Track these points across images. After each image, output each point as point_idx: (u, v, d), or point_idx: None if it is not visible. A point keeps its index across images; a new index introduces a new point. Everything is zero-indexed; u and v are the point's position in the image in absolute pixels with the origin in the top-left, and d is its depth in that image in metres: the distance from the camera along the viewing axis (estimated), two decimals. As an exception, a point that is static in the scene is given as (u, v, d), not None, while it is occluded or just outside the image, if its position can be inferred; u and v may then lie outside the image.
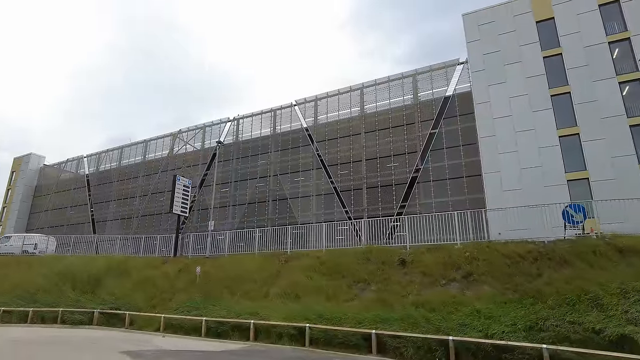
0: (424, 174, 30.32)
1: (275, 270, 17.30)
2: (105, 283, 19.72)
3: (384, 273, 15.03)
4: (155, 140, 44.19)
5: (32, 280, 20.51)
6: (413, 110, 32.19)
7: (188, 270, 19.45)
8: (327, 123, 35.53)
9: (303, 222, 32.25)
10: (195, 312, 15.99)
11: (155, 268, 20.31)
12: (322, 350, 12.45)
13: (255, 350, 12.71)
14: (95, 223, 44.65)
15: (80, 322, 17.83)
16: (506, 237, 17.89)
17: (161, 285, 18.62)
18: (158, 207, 41.50)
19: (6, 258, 24.05)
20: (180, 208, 22.98)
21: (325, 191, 34.03)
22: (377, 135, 33.07)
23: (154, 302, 17.92)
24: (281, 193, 36.02)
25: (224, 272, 17.95)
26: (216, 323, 14.94)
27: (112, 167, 46.36)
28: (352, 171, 33.12)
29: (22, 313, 18.81)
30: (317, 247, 21.47)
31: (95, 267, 20.63)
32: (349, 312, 13.34)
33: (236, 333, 14.39)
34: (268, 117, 38.84)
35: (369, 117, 33.86)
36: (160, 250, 25.18)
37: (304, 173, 35.56)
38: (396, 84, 33.88)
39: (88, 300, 18.85)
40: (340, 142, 34.31)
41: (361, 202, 32.31)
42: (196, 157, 41.26)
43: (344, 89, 35.83)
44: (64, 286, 19.89)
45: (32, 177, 51.08)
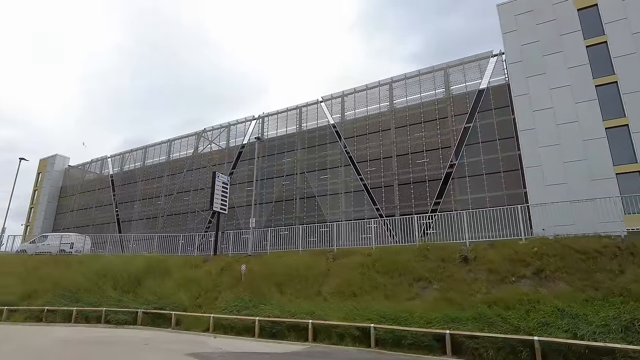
0: (459, 170, 29.39)
1: (324, 268, 16.61)
2: (146, 282, 19.22)
3: (445, 270, 14.24)
4: (179, 140, 43.89)
5: (72, 279, 20.12)
6: (445, 104, 31.27)
7: (231, 268, 18.87)
8: (355, 119, 34.77)
9: (332, 220, 31.50)
10: (246, 311, 15.37)
11: (196, 267, 19.78)
12: (390, 352, 11.72)
13: (318, 351, 12.02)
14: (120, 223, 44.52)
15: (124, 322, 17.34)
16: (550, 233, 17.01)
17: (205, 284, 18.06)
18: (184, 206, 41.19)
19: (45, 257, 23.78)
20: (220, 205, 22.43)
21: (354, 188, 33.27)
22: (408, 130, 32.20)
23: (199, 302, 17.36)
24: (308, 191, 35.38)
25: (270, 270, 17.31)
26: (270, 323, 14.29)
27: (136, 167, 46.19)
28: (383, 168, 32.32)
29: (66, 312, 18.41)
30: (356, 245, 20.77)
31: (134, 266, 20.17)
32: (414, 312, 12.58)
33: (292, 333, 13.73)
34: (293, 114, 38.21)
35: (399, 112, 33.01)
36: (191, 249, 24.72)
37: (332, 170, 34.85)
38: (427, 78, 32.97)
39: (130, 299, 18.37)
40: (370, 138, 33.51)
41: (392, 199, 31.50)
42: (221, 156, 40.82)
43: (372, 84, 35.03)
44: (105, 285, 19.45)
45: (57, 178, 51.24)
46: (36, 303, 19.49)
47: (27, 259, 23.52)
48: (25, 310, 19.12)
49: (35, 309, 18.94)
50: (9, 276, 21.34)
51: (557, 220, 18.79)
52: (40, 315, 18.67)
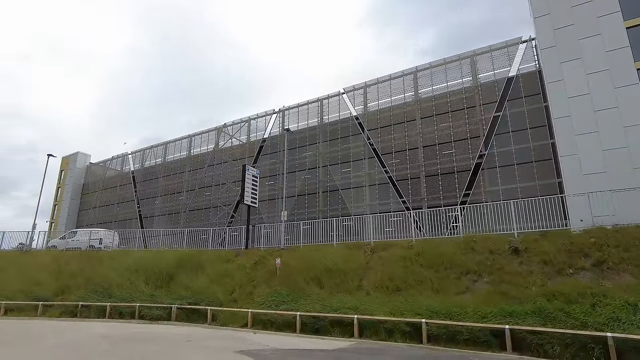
0: (488, 160, 28.46)
1: (363, 262, 16.02)
2: (178, 277, 18.91)
3: (495, 263, 13.52)
4: (199, 135, 43.66)
5: (104, 275, 19.92)
6: (473, 93, 30.28)
7: (264, 262, 18.43)
8: (378, 110, 33.99)
9: (356, 213, 30.94)
10: (284, 306, 14.88)
11: (229, 261, 19.38)
12: (445, 348, 11.09)
13: (368, 348, 11.46)
14: (142, 219, 44.60)
15: (158, 317, 17.03)
16: (588, 224, 16.11)
17: (239, 279, 17.64)
18: (206, 201, 41.02)
19: (75, 253, 23.69)
20: (250, 198, 22.00)
21: (379, 181, 32.57)
22: (435, 120, 31.31)
23: (234, 297, 16.95)
24: (332, 184, 34.79)
25: (306, 264, 16.78)
26: (312, 318, 13.77)
27: (157, 163, 46.17)
28: (409, 159, 31.53)
29: (100, 308, 18.20)
30: (389, 237, 20.13)
31: (165, 261, 19.87)
32: (467, 306, 11.92)
33: (336, 329, 13.18)
34: (314, 107, 37.59)
35: (424, 102, 32.12)
36: (218, 244, 24.35)
37: (355, 163, 34.19)
38: (453, 66, 31.99)
39: (163, 295, 18.05)
40: (394, 129, 32.72)
41: (419, 192, 30.73)
42: (242, 151, 40.47)
43: (396, 74, 34.17)
44: (137, 280, 19.19)
45: (79, 175, 51.62)
46: (70, 298, 19.34)
47: (58, 255, 23.46)
48: (59, 306, 18.99)
49: (69, 304, 18.78)
50: (42, 272, 21.26)
51: (598, 210, 17.91)
52: (74, 310, 18.50)
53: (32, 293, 19.92)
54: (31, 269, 21.85)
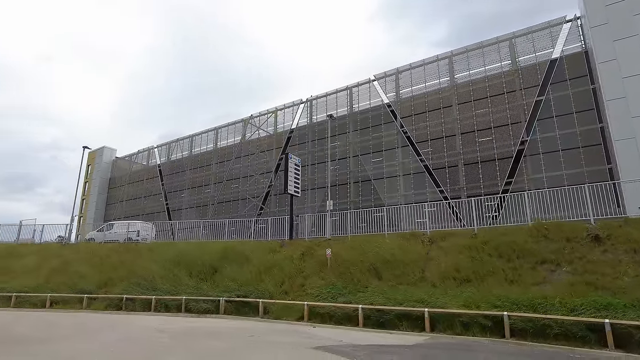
0: (531, 147, 27.08)
1: (422, 252, 15.10)
2: (223, 269, 18.28)
3: (574, 251, 12.44)
4: (226, 127, 43.07)
5: (146, 267, 19.44)
6: (513, 76, 28.82)
7: (312, 253, 17.65)
8: (412, 97, 32.74)
9: (390, 204, 29.90)
10: (342, 298, 14.07)
11: (274, 252, 18.67)
12: (533, 343, 10.13)
13: (448, 343, 10.54)
14: (170, 212, 44.40)
15: (206, 310, 16.42)
16: None
17: (288, 270, 16.89)
18: (234, 193, 40.53)
19: (114, 245, 23.34)
20: (293, 187, 21.22)
21: (414, 170, 31.45)
22: (473, 106, 29.97)
23: (284, 288, 16.21)
24: (364, 174, 33.79)
25: (358, 255, 15.94)
26: (376, 311, 12.93)
27: (183, 156, 45.85)
28: (446, 147, 30.33)
29: (145, 301, 17.70)
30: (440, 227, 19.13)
31: (207, 253, 19.27)
32: (551, 297, 10.91)
33: (404, 323, 12.31)
34: (343, 95, 36.53)
35: (461, 87, 30.77)
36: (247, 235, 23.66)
37: (388, 152, 33.08)
38: (490, 50, 30.50)
39: (209, 287, 17.45)
40: (429, 116, 31.49)
41: (458, 181, 29.54)
42: (270, 142, 39.74)
43: (430, 59, 32.86)
44: (180, 273, 18.65)
45: (106, 170, 51.73)
46: (113, 291, 18.92)
47: (97, 248, 23.13)
48: (103, 299, 18.59)
49: (114, 297, 18.35)
50: (84, 265, 20.93)
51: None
52: (119, 303, 18.05)
53: (75, 286, 19.58)
54: (73, 262, 21.56)
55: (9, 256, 23.62)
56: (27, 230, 28.71)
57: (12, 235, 28.67)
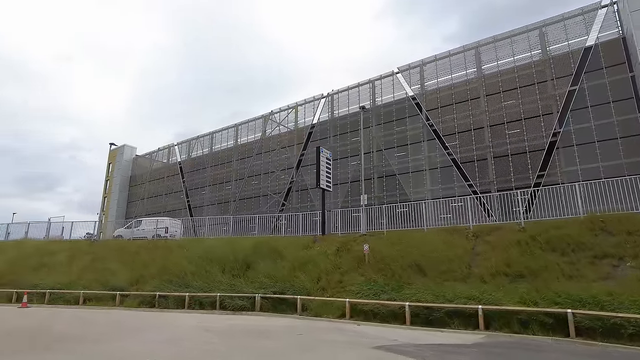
0: (564, 138, 26.03)
1: (467, 247, 14.43)
2: (256, 265, 17.87)
3: (637, 245, 11.66)
4: (246, 124, 42.75)
5: (177, 264, 19.16)
6: (544, 66, 27.77)
7: (348, 248, 17.13)
8: (437, 89, 31.87)
9: (416, 199, 29.12)
10: (386, 295, 13.50)
11: (307, 248, 18.19)
12: (604, 344, 9.42)
13: (508, 342, 9.89)
14: (191, 209, 44.36)
15: (242, 307, 16.01)
16: None
17: (323, 266, 16.38)
18: (255, 190, 40.24)
19: (142, 242, 23.17)
20: (325, 182, 20.70)
21: (441, 164, 30.64)
22: (502, 97, 28.99)
23: (321, 285, 15.71)
24: (388, 169, 33.08)
25: (397, 250, 15.35)
26: (424, 309, 12.34)
27: (204, 153, 45.72)
28: (474, 140, 29.43)
29: (178, 298, 17.40)
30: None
31: (239, 249, 18.89)
32: (618, 294, 10.16)
33: (455, 321, 11.69)
34: (366, 89, 35.81)
35: (489, 79, 29.80)
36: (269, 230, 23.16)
37: (413, 146, 32.29)
38: (520, 39, 29.44)
39: (243, 284, 17.04)
40: (456, 108, 30.60)
41: (487, 174, 28.65)
42: (290, 138, 39.28)
43: (455, 50, 31.92)
44: (212, 269, 18.29)
45: (126, 168, 51.98)
46: (145, 288, 18.67)
47: (126, 244, 22.99)
48: (136, 296, 18.35)
49: (146, 294, 18.08)
50: (114, 262, 20.78)
51: None
52: (152, 301, 17.77)
53: (107, 282, 19.41)
54: (103, 259, 21.43)
55: (41, 253, 23.63)
56: (55, 228, 28.85)
57: (41, 232, 28.85)
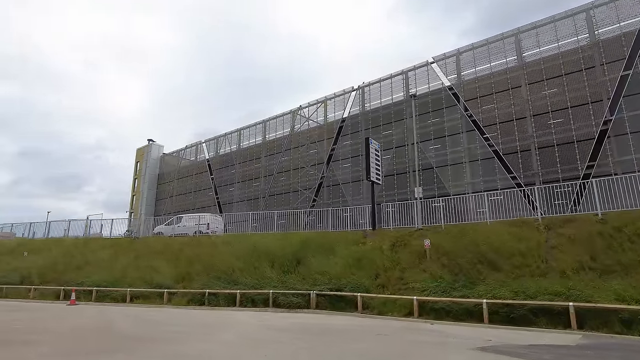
0: (616, 127, 24.57)
1: (540, 239, 13.45)
2: (306, 261, 17.21)
3: None
4: (274, 120, 42.20)
5: (224, 260, 18.65)
6: (592, 51, 26.28)
7: (404, 244, 16.31)
8: (476, 78, 30.62)
9: (455, 192, 28.05)
10: (457, 292, 12.67)
11: (358, 243, 17.44)
12: None
13: (614, 343, 8.98)
14: (221, 205, 44.11)
15: (297, 305, 15.38)
16: None
17: (380, 263, 15.61)
18: (285, 186, 39.71)
19: (185, 239, 22.79)
20: (375, 174, 19.90)
21: (481, 156, 29.49)
22: (546, 85, 27.64)
23: (379, 282, 14.95)
24: (424, 162, 32.03)
25: (461, 245, 14.45)
26: (503, 306, 11.46)
27: (232, 150, 45.40)
28: (517, 130, 28.18)
29: (229, 296, 16.88)
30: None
31: (287, 245, 18.26)
32: None
33: (541, 319, 10.81)
34: (399, 80, 34.75)
35: (531, 66, 28.43)
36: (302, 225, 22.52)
37: (452, 137, 31.19)
38: (564, 24, 27.95)
39: (295, 281, 16.41)
40: (496, 98, 29.36)
41: (531, 166, 27.40)
42: (320, 133, 38.55)
43: (494, 38, 30.58)
44: (260, 266, 17.72)
45: (154, 166, 52.11)
46: (192, 286, 18.23)
47: (168, 241, 22.62)
48: (183, 294, 17.90)
49: (195, 291, 17.63)
50: (157, 259, 20.42)
51: None
52: (201, 298, 17.30)
53: (152, 280, 19.04)
54: (145, 256, 21.11)
55: (82, 251, 23.55)
56: (93, 226, 28.87)
57: (78, 230, 28.90)
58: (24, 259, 24.63)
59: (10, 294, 21.85)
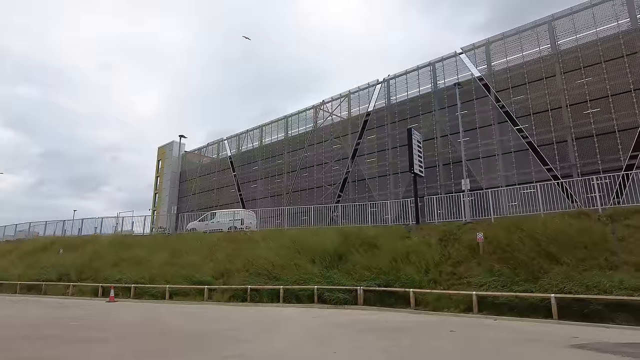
0: (662, 114, 23.59)
1: (604, 231, 12.72)
2: (349, 256, 16.76)
3: None
4: (296, 115, 41.78)
5: (262, 256, 18.30)
6: (633, 36, 25.22)
7: (453, 238, 15.72)
8: (507, 68, 29.73)
9: (488, 186, 27.23)
10: (518, 287, 12.08)
11: (403, 238, 16.88)
12: None
13: None
14: (244, 202, 43.97)
15: (344, 301, 14.97)
16: None
17: (430, 258, 15.05)
18: (309, 181, 39.32)
19: (220, 234, 22.55)
20: (418, 166, 19.34)
21: (515, 148, 28.66)
22: (583, 73, 26.63)
23: (431, 277, 14.41)
24: (454, 155, 31.29)
25: (518, 238, 13.83)
26: (574, 301, 10.86)
27: (254, 146, 45.19)
28: (552, 121, 27.26)
29: (272, 292, 16.54)
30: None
31: (327, 240, 17.80)
32: None
33: (620, 315, 10.19)
34: (426, 72, 34.00)
35: (566, 54, 27.43)
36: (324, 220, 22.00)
37: (483, 129, 30.38)
38: (602, 9, 26.86)
39: (340, 276, 15.98)
40: (529, 88, 28.45)
41: (567, 157, 26.49)
42: (344, 127, 38.03)
43: (525, 26, 29.61)
44: (301, 261, 17.31)
45: (176, 164, 52.24)
46: (232, 282, 17.93)
47: (203, 238, 22.42)
48: (224, 290, 17.62)
49: (237, 287, 17.33)
50: (194, 255, 20.19)
51: None
52: (244, 295, 16.99)
53: (191, 277, 18.80)
54: (181, 252, 20.90)
55: (115, 248, 23.49)
56: (123, 223, 28.87)
57: (108, 228, 28.94)
58: (59, 256, 24.72)
59: (50, 290, 21.94)
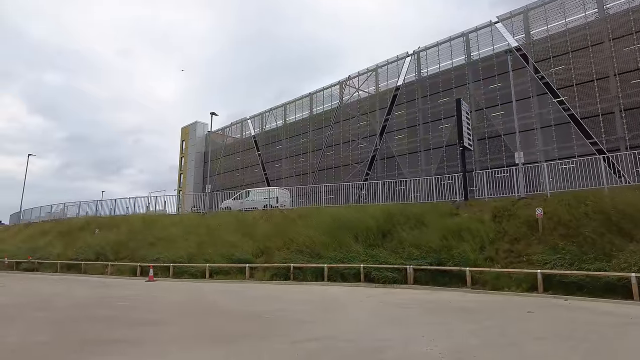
0: None
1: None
2: (394, 234, 16.10)
3: None
4: (321, 92, 40.67)
5: (302, 234, 17.76)
6: (691, -3, 23.12)
7: (507, 214, 14.82)
8: (548, 36, 27.87)
9: (527, 161, 25.93)
10: (589, 265, 11.20)
11: (451, 215, 16.09)
12: None
13: None
14: (269, 181, 43.58)
15: (393, 280, 14.39)
16: None
17: (484, 235, 14.24)
18: (336, 160, 38.53)
19: (256, 213, 22.12)
20: (467, 139, 18.33)
21: (555, 121, 27.15)
22: (635, 39, 24.71)
23: (487, 255, 13.66)
24: (490, 130, 29.99)
25: (582, 213, 12.88)
26: (658, 281, 10.01)
27: (278, 125, 44.43)
28: (597, 92, 25.56)
29: (316, 270, 16.08)
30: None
31: (369, 217, 17.10)
32: None
33: None
34: (459, 43, 32.29)
35: (615, 19, 25.43)
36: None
37: (520, 102, 28.59)
38: (658, -33, 24.70)
39: (386, 254, 15.34)
40: (572, 57, 26.64)
41: (614, 130, 24.93)
42: (372, 103, 36.79)
43: (569, -9, 27.57)
44: (344, 239, 16.74)
45: (200, 144, 52.01)
46: (273, 260, 17.53)
47: (240, 216, 22.03)
48: (265, 268, 17.28)
49: (279, 266, 16.94)
50: (232, 234, 19.83)
51: None
52: (287, 273, 16.59)
53: (231, 255, 18.50)
54: (219, 231, 20.59)
55: (151, 227, 23.37)
56: (154, 202, 28.77)
57: (141, 207, 28.90)
58: (95, 236, 24.82)
59: (89, 269, 22.07)
